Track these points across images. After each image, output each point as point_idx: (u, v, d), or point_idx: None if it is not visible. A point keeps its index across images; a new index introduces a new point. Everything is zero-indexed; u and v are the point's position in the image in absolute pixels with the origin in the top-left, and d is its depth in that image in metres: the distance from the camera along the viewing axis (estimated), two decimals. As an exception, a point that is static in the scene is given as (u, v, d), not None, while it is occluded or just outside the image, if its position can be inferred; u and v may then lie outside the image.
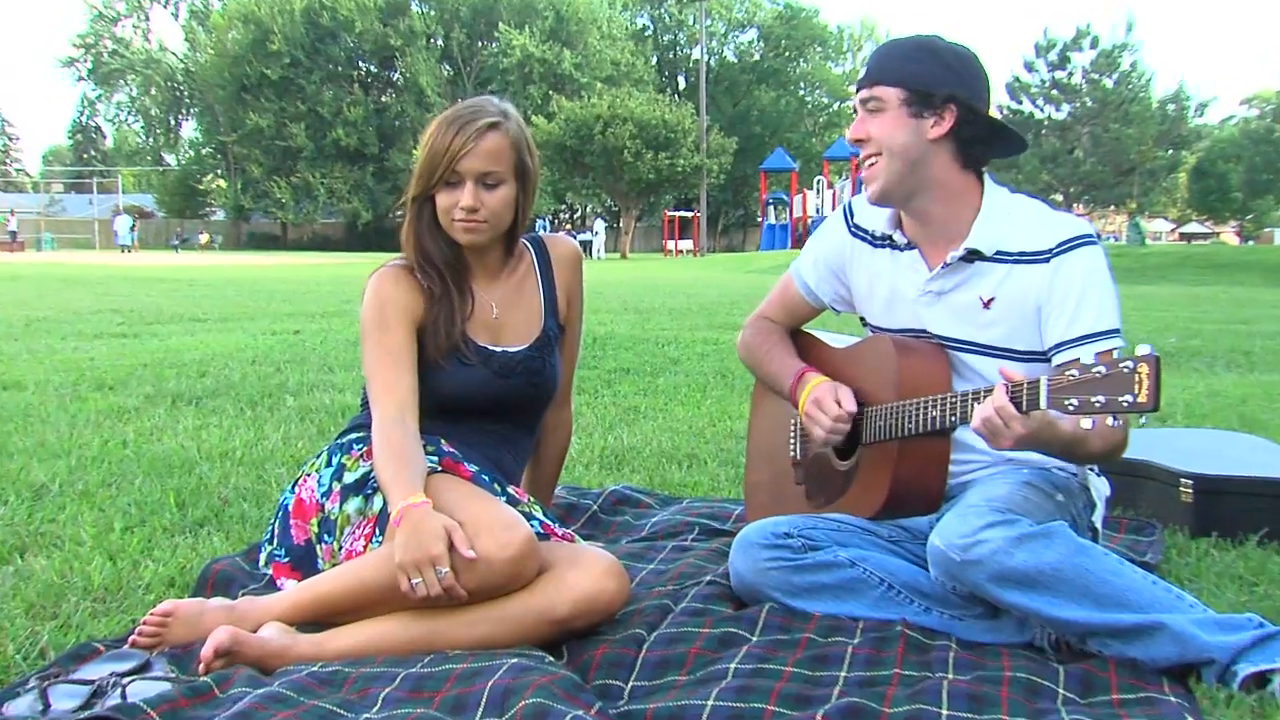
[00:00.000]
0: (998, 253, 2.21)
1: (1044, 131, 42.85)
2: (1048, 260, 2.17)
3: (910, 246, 2.33)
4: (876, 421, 2.24)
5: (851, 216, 2.47)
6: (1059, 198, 43.28)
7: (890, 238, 2.36)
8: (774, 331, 2.60)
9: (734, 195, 63.40)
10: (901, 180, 2.22)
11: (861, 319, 2.51)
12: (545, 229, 44.96)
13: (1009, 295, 2.21)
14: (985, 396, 2.00)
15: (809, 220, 38.82)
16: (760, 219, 45.48)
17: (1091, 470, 2.34)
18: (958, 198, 2.25)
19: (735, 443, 4.17)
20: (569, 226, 50.07)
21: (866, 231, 2.42)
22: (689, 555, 2.66)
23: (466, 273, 2.39)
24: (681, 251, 46.19)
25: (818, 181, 40.23)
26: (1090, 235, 2.19)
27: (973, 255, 2.23)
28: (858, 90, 2.23)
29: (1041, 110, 44.55)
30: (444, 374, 2.31)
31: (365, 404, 2.40)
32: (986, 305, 2.23)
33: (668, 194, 52.05)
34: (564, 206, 62.61)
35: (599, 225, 45.39)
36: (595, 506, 3.13)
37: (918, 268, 2.31)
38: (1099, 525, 2.32)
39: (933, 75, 2.17)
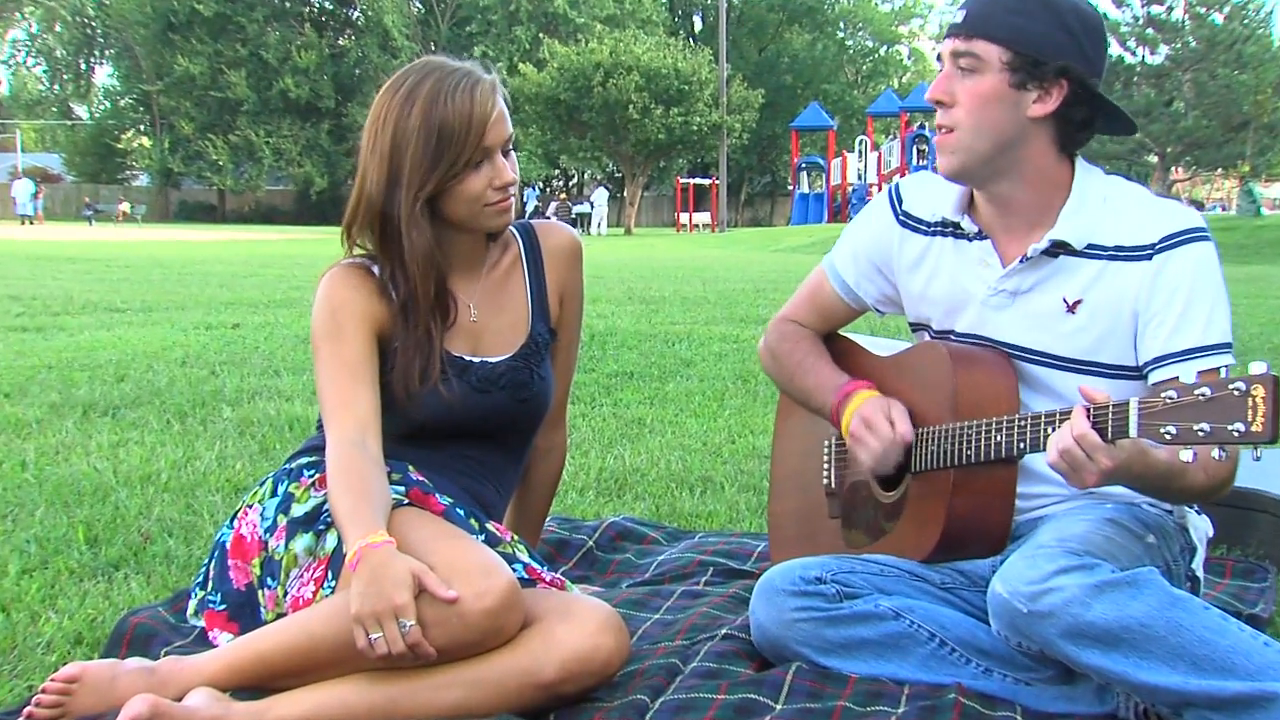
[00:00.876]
0: (1089, 246, 2.21)
1: (1136, 79, 42.64)
2: (1150, 257, 2.16)
3: (981, 236, 2.32)
4: (929, 446, 2.24)
5: (900, 203, 2.46)
6: (1153, 159, 43.05)
7: (956, 225, 2.35)
8: (805, 337, 2.60)
9: (760, 159, 63.38)
10: (986, 161, 2.21)
11: (913, 324, 2.51)
12: (535, 200, 44.99)
13: (1100, 297, 2.20)
14: (1062, 421, 2.00)
15: (849, 189, 38.86)
16: (791, 187, 45.48)
17: (1190, 508, 2.34)
18: (1048, 183, 2.24)
19: (758, 463, 4.18)
20: (563, 196, 50.07)
21: (920, 220, 2.42)
22: (701, 603, 2.66)
23: (446, 281, 2.38)
24: (697, 226, 46.21)
25: (860, 142, 40.33)
26: (1202, 229, 2.18)
27: (1058, 248, 2.23)
28: (949, 36, 2.20)
29: (1134, 54, 44.26)
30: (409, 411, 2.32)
31: (321, 424, 2.40)
32: (1071, 309, 2.23)
33: (681, 158, 52.01)
34: (557, 173, 62.63)
35: (599, 195, 45.39)
36: (591, 542, 3.14)
37: (989, 261, 2.31)
38: (1199, 573, 2.32)
39: (1048, 38, 2.14)
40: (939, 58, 2.25)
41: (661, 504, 3.71)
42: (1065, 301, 2.23)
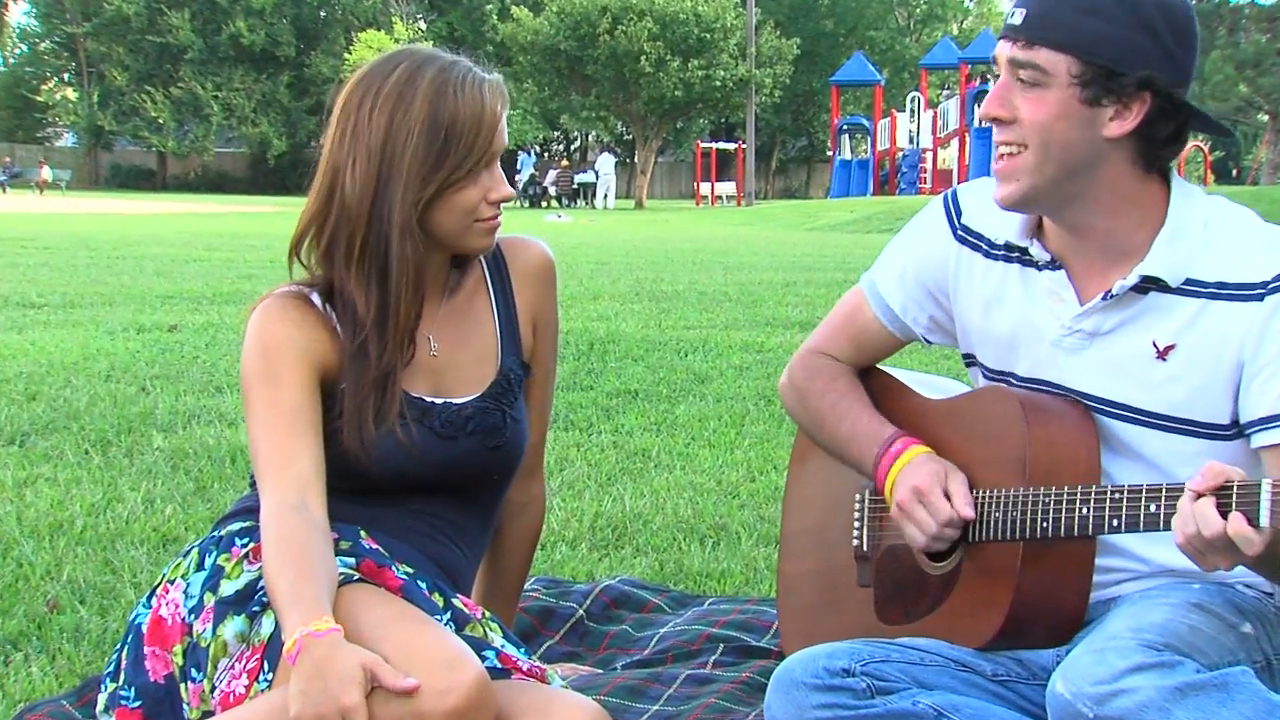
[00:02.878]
0: (1187, 281, 2.19)
1: (1244, 23, 42.43)
2: (1261, 298, 2.13)
3: (1055, 265, 2.29)
4: (993, 513, 2.22)
5: (958, 214, 2.43)
6: (1264, 118, 42.89)
7: (1023, 251, 2.33)
8: (841, 374, 2.57)
9: (794, 119, 63.44)
10: (1054, 187, 2.18)
11: (967, 357, 2.49)
12: (531, 168, 45.05)
13: (1198, 342, 2.17)
14: (1169, 497, 1.98)
15: (899, 156, 38.86)
16: (830, 153, 45.54)
17: (1293, 588, 2.32)
18: (1132, 207, 2.21)
19: (780, 507, 4.15)
20: (564, 163, 50.14)
21: (981, 237, 2.39)
22: (709, 690, 2.65)
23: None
24: (720, 198, 46.27)
25: (912, 99, 40.33)
26: None
27: (1149, 284, 2.20)
28: (1004, 37, 2.16)
29: (1240, -7, 44.13)
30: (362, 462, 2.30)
31: (254, 482, 2.39)
32: (1162, 355, 2.20)
33: (701, 118, 52.07)
34: (557, 135, 62.71)
35: (606, 162, 45.45)
36: (581, 610, 3.14)
37: (1064, 296, 2.28)
38: (1309, 669, 2.30)
39: (1127, 43, 2.10)
40: (994, 61, 2.22)
41: (666, 560, 3.71)
42: (1155, 346, 2.20)
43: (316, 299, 2.33)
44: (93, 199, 41.69)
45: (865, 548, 2.50)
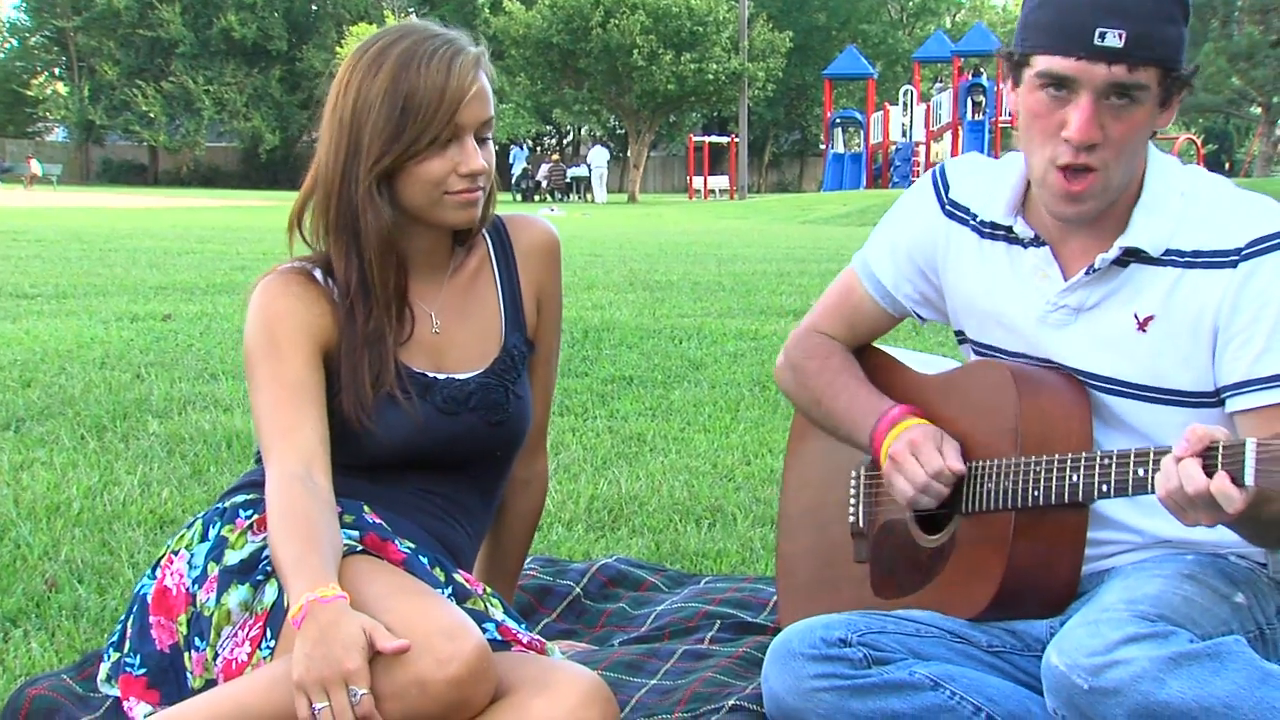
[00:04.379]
0: (1166, 252, 2.21)
1: (1238, 15, 42.41)
2: (1235, 264, 2.15)
3: (1038, 242, 2.32)
4: (985, 483, 2.24)
5: (946, 189, 2.45)
6: (1257, 110, 42.85)
7: (1009, 230, 2.35)
8: (835, 351, 2.59)
9: (787, 113, 63.34)
10: (1118, 194, 2.21)
11: (958, 334, 2.51)
12: (523, 161, 44.98)
13: (1176, 312, 2.20)
14: (1156, 460, 1.99)
15: (892, 149, 38.84)
16: (824, 146, 45.46)
17: (1287, 557, 2.34)
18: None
19: (776, 489, 4.15)
20: (555, 157, 50.09)
21: (969, 212, 2.41)
22: (706, 665, 2.66)
23: (407, 280, 2.39)
24: (713, 192, 46.19)
25: (905, 93, 40.31)
26: None
27: (1129, 256, 2.23)
28: (1095, 60, 2.08)
29: (1231, -16, 44.05)
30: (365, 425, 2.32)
31: (260, 457, 2.41)
32: (1142, 326, 2.22)
33: (694, 111, 51.97)
34: (549, 129, 62.61)
35: (599, 155, 45.36)
36: (578, 589, 3.15)
37: (1048, 272, 2.30)
38: (1301, 640, 2.32)
39: (1182, 42, 2.14)
40: (1062, 80, 2.12)
41: (662, 540, 3.72)
42: (1136, 318, 2.22)
43: (319, 274, 2.35)
44: (83, 194, 41.47)
45: (861, 524, 2.52)
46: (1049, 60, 2.12)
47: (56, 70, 62.73)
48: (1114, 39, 2.07)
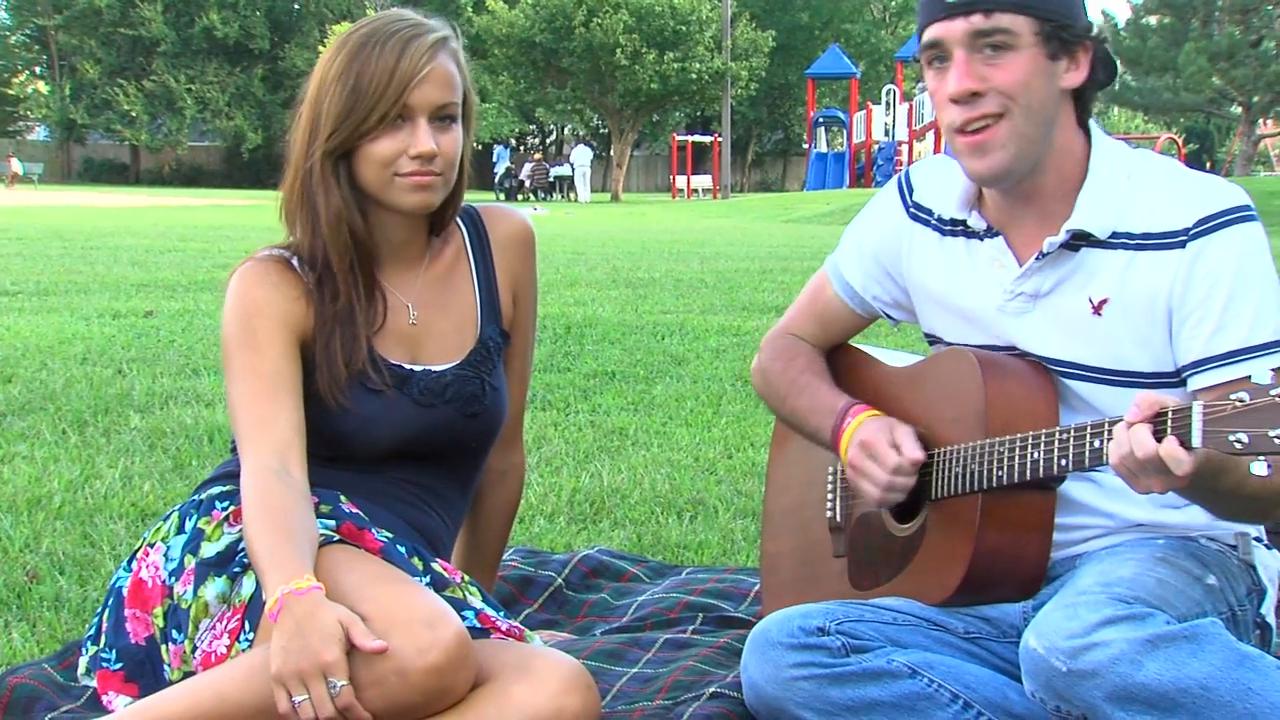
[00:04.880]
0: (1114, 234, 2.22)
1: (1217, 15, 42.56)
2: (1184, 244, 2.17)
3: (992, 233, 2.33)
4: (952, 468, 2.25)
5: (910, 192, 2.47)
6: (1237, 109, 42.98)
7: (964, 223, 2.36)
8: (802, 352, 2.61)
9: (770, 112, 63.41)
10: (1034, 149, 2.20)
11: (928, 336, 2.52)
12: (506, 161, 44.96)
13: (1129, 294, 2.21)
14: (1110, 429, 2.00)
15: (874, 148, 38.90)
16: (806, 145, 45.54)
17: (1257, 540, 2.35)
18: (1068, 162, 2.26)
19: (758, 483, 4.19)
20: (538, 156, 50.06)
21: (931, 213, 2.43)
22: (688, 654, 2.67)
23: (374, 263, 2.40)
24: (696, 191, 46.23)
25: (888, 92, 40.30)
26: (1245, 208, 2.19)
27: (1079, 240, 2.24)
28: (953, 16, 2.15)
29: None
30: (341, 407, 2.33)
31: (236, 447, 2.40)
32: (1098, 310, 2.24)
33: (677, 111, 52.00)
34: (532, 128, 62.56)
35: (582, 155, 45.38)
36: (560, 579, 3.16)
37: (1003, 261, 2.32)
38: (1270, 621, 2.33)
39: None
40: (932, 45, 2.19)
41: (644, 532, 3.73)
42: (1091, 302, 2.24)
43: (295, 262, 2.36)
44: (65, 192, 41.38)
45: (838, 518, 2.53)
46: (924, 34, 2.20)
47: (37, 69, 62.54)
48: None
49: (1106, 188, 2.23)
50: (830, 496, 2.56)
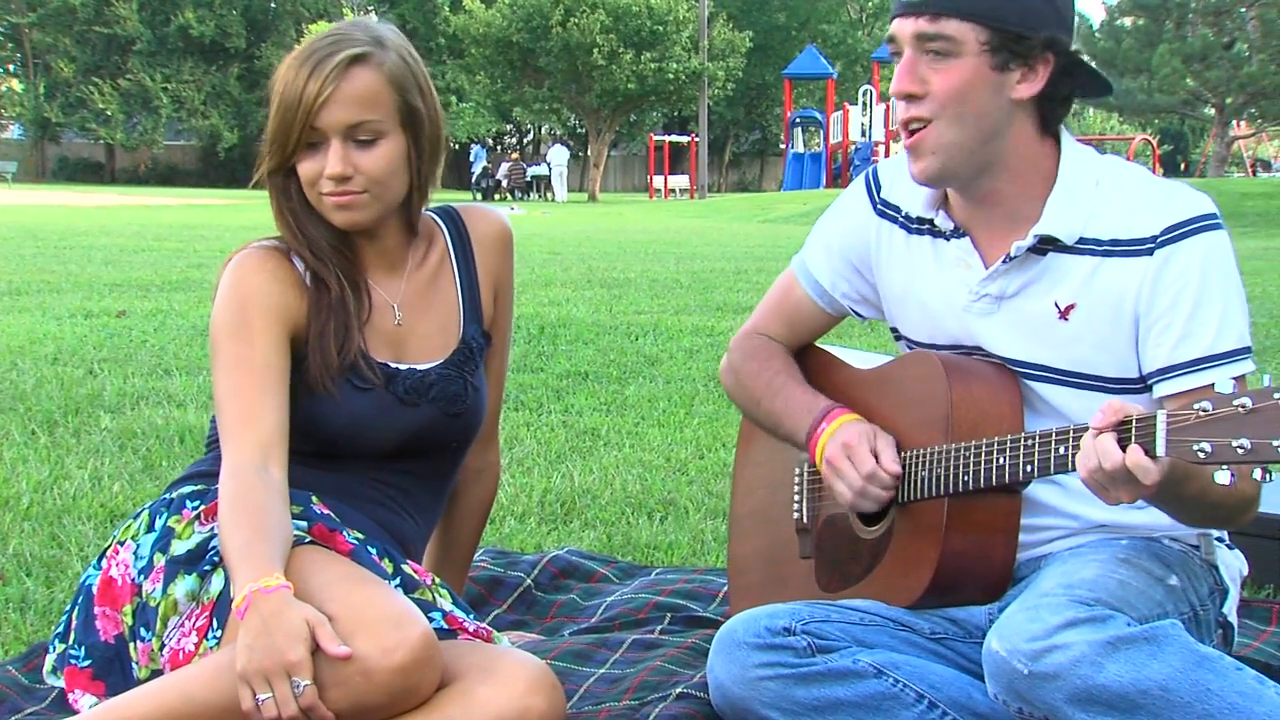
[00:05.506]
0: (1081, 240, 2.24)
1: (1190, 17, 42.73)
2: (1151, 252, 2.19)
3: (959, 233, 2.35)
4: (919, 471, 2.26)
5: (878, 189, 2.48)
6: (1210, 111, 43.14)
7: (930, 222, 2.38)
8: (775, 354, 2.61)
9: (747, 113, 63.41)
10: (968, 157, 2.22)
11: (894, 330, 2.53)
12: (483, 161, 44.90)
13: (1096, 299, 2.23)
14: (1075, 438, 2.02)
15: (851, 148, 38.94)
16: (784, 146, 45.54)
17: (1219, 540, 2.37)
18: (1032, 170, 2.27)
19: (729, 482, 4.17)
20: (515, 155, 49.96)
21: (899, 210, 2.44)
22: (655, 655, 2.68)
23: (359, 263, 2.41)
24: (673, 191, 46.23)
25: (864, 93, 40.31)
26: (1212, 215, 2.21)
27: (1046, 244, 2.25)
28: (904, 15, 2.18)
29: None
30: (328, 402, 2.33)
31: (212, 443, 2.41)
32: (1064, 315, 2.25)
33: (654, 111, 51.97)
34: (510, 128, 62.49)
35: (559, 154, 45.31)
36: (529, 580, 3.16)
37: (969, 262, 2.33)
38: (1232, 620, 2.35)
39: (1029, 7, 2.16)
40: (890, 40, 2.23)
41: (614, 533, 3.74)
42: (1057, 306, 2.25)
43: (293, 255, 2.37)
44: (39, 191, 41.11)
45: (805, 519, 2.53)
46: (889, 27, 2.23)
47: (11, 67, 62.02)
48: None
49: (1074, 194, 2.24)
50: (797, 498, 2.56)
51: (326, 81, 2.26)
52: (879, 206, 2.47)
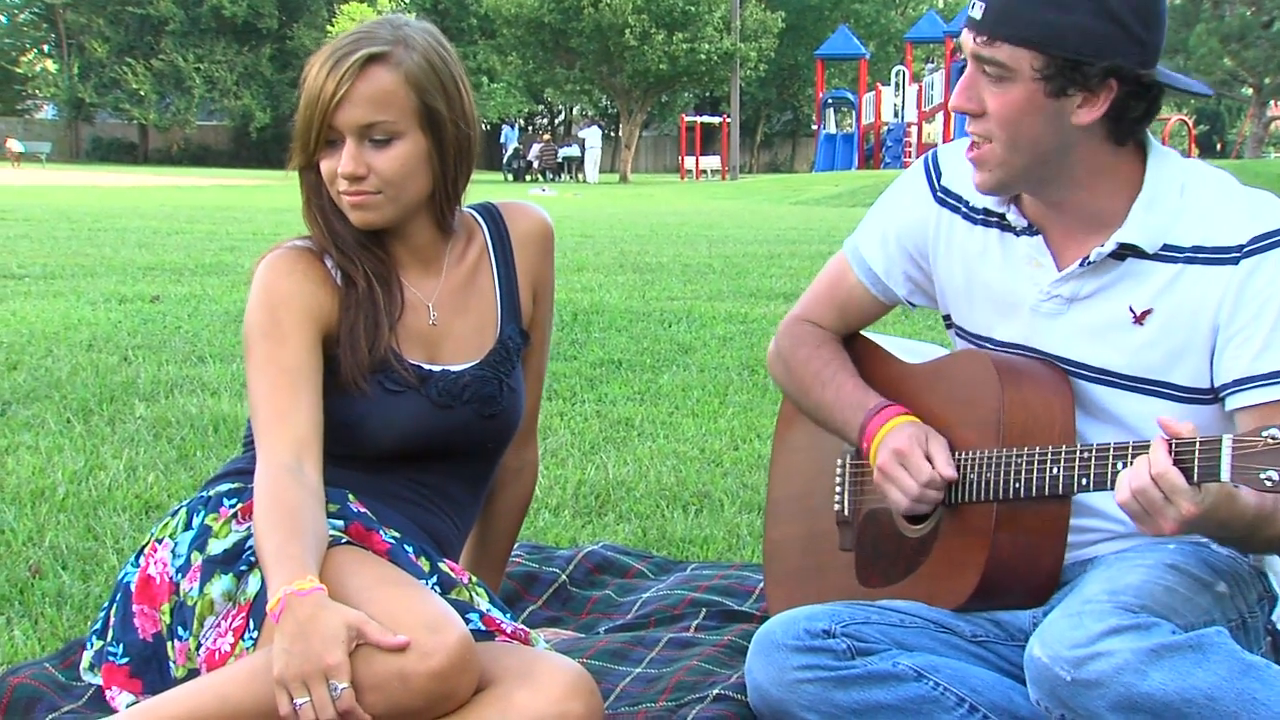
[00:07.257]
0: (1164, 247, 2.20)
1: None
2: (1236, 261, 2.15)
3: (1032, 231, 2.31)
4: (968, 475, 2.25)
5: (938, 176, 2.44)
6: (1248, 91, 42.82)
7: (1001, 216, 2.34)
8: (825, 342, 2.58)
9: (779, 93, 63.29)
10: (1026, 174, 2.20)
11: (946, 319, 2.50)
12: (515, 142, 44.94)
13: (1174, 307, 2.19)
14: (1135, 455, 2.00)
15: (884, 129, 38.86)
16: (815, 126, 45.48)
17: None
18: (1108, 179, 2.23)
19: (763, 475, 4.17)
20: (546, 136, 49.99)
21: (961, 199, 2.40)
22: (692, 653, 2.67)
23: (391, 261, 2.40)
24: (704, 173, 46.24)
25: (897, 73, 40.26)
26: None
27: (1126, 250, 2.22)
28: (967, 28, 2.15)
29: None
30: (361, 403, 2.32)
31: (249, 442, 2.40)
32: (1139, 320, 2.22)
33: (686, 91, 51.93)
34: (541, 109, 62.54)
35: (591, 135, 45.38)
36: (564, 576, 3.15)
37: (1041, 261, 2.30)
38: (1281, 628, 2.33)
39: (1089, 33, 2.08)
40: (958, 49, 2.23)
41: (649, 526, 3.73)
42: (1132, 311, 2.22)
43: (325, 254, 2.37)
44: (73, 172, 41.44)
45: (846, 512, 2.52)
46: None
47: (45, 47, 62.45)
48: (977, 9, 2.14)
49: (1159, 201, 2.20)
50: (839, 488, 2.54)
51: (342, 80, 2.25)
52: (939, 194, 2.43)
